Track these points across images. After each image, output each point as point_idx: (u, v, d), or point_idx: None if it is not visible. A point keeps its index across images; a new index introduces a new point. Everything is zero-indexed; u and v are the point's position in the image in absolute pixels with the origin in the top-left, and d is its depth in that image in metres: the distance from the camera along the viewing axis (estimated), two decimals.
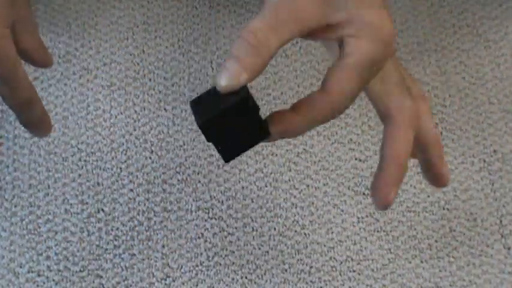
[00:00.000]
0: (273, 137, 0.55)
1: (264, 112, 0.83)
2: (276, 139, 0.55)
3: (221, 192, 0.79)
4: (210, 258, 0.76)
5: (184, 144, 0.81)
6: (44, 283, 0.74)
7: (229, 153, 0.54)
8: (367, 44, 0.54)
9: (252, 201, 0.79)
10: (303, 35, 0.54)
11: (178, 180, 0.79)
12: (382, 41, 0.54)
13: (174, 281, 0.75)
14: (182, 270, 0.75)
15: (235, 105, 0.52)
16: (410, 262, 0.76)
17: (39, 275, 0.74)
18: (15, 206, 0.77)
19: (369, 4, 0.54)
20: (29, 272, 0.74)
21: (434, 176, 0.61)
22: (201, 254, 0.76)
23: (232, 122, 0.53)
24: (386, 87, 0.58)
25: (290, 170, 0.80)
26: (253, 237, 0.77)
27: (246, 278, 0.75)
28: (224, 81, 0.52)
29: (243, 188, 0.79)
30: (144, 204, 0.78)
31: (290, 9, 0.52)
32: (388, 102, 0.58)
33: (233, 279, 0.75)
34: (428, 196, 0.79)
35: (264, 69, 0.53)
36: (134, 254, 0.76)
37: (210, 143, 0.79)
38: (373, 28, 0.54)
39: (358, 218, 0.78)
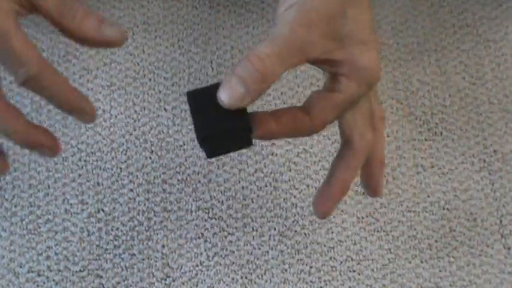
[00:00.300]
0: (255, 139, 0.60)
1: None
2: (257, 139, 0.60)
3: (221, 192, 0.79)
4: (210, 258, 0.76)
5: (184, 144, 0.81)
6: (44, 283, 0.74)
7: (213, 152, 0.59)
8: (356, 85, 0.60)
9: (252, 201, 0.79)
10: (304, 63, 0.59)
11: (178, 180, 0.79)
12: (369, 84, 0.60)
13: (174, 281, 0.75)
14: (182, 270, 0.75)
15: (236, 129, 0.56)
16: (410, 262, 0.76)
17: (39, 275, 0.74)
18: (15, 206, 0.77)
19: (367, 48, 0.59)
20: (29, 272, 0.74)
21: (370, 189, 0.67)
22: (201, 254, 0.76)
23: (226, 138, 0.57)
24: (355, 115, 0.63)
25: (290, 170, 0.80)
26: (253, 237, 0.77)
27: (246, 278, 0.75)
28: (227, 100, 0.56)
29: (243, 188, 0.79)
30: (144, 204, 0.78)
31: (302, 41, 0.57)
32: (353, 129, 0.63)
33: (233, 279, 0.75)
34: (428, 196, 0.79)
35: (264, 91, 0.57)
36: (134, 254, 0.76)
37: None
38: (365, 72, 0.60)
39: (358, 218, 0.78)
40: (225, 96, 0.56)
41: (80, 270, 0.75)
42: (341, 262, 0.76)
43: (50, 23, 0.61)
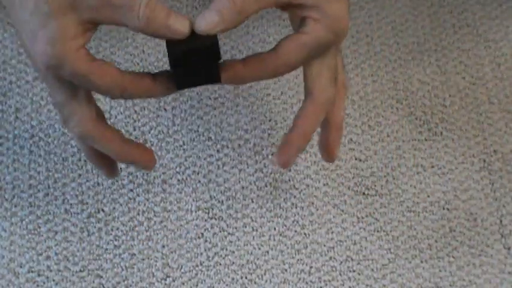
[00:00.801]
0: (224, 81, 0.65)
1: (263, 112, 0.83)
2: (226, 83, 0.65)
3: (221, 192, 0.79)
4: (210, 258, 0.76)
5: (184, 144, 0.81)
6: (44, 283, 0.74)
7: (183, 83, 0.64)
8: (322, 29, 0.63)
9: (252, 201, 0.79)
10: (277, 6, 0.64)
11: (178, 180, 0.79)
12: (335, 32, 0.64)
13: (174, 281, 0.75)
14: (182, 270, 0.75)
15: (207, 46, 0.61)
16: (410, 262, 0.76)
17: (39, 275, 0.74)
18: (15, 206, 0.77)
19: None
20: (29, 272, 0.74)
21: (326, 153, 0.72)
22: (201, 254, 0.76)
23: (197, 59, 0.61)
24: (320, 68, 0.67)
25: (290, 170, 0.80)
26: (253, 237, 0.77)
27: (246, 278, 0.75)
28: (203, 27, 0.61)
29: (243, 188, 0.79)
30: (144, 204, 0.78)
31: None
32: (315, 81, 0.67)
33: (233, 279, 0.75)
34: (428, 196, 0.79)
35: (238, 26, 0.62)
36: (134, 254, 0.75)
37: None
38: (332, 19, 0.64)
39: (358, 218, 0.78)
40: (201, 23, 0.61)
41: (80, 270, 0.75)
42: (341, 262, 0.76)
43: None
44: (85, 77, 0.63)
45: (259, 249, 0.76)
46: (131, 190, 0.78)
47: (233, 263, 0.76)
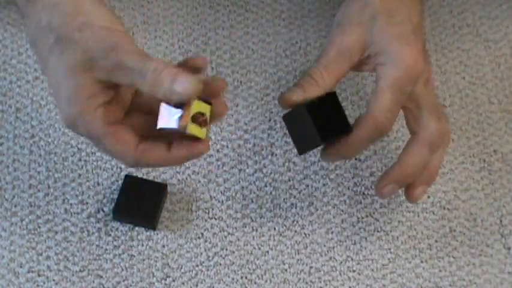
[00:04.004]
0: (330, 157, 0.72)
1: (263, 112, 0.83)
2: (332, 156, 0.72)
3: (221, 192, 0.79)
4: (210, 258, 0.76)
5: None
6: (44, 283, 0.74)
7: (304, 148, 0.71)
8: (391, 68, 0.69)
9: (252, 201, 0.79)
10: (354, 67, 0.71)
11: (178, 180, 0.79)
12: (406, 67, 0.69)
13: (174, 281, 0.75)
14: (182, 270, 0.75)
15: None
16: (410, 262, 0.76)
17: (39, 275, 0.74)
18: (15, 206, 0.77)
19: (403, 39, 0.70)
20: (29, 271, 0.74)
21: (408, 192, 0.74)
22: (201, 254, 0.76)
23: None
24: (421, 110, 0.71)
25: (290, 170, 0.80)
26: (253, 237, 0.77)
27: (246, 278, 0.75)
28: (289, 95, 0.69)
29: (243, 188, 0.79)
30: None
31: (338, 50, 0.70)
32: (418, 121, 0.72)
33: (233, 279, 0.75)
34: (429, 196, 0.79)
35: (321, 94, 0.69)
36: (134, 255, 0.76)
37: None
38: (399, 56, 0.69)
39: (358, 218, 0.78)
40: (287, 94, 0.69)
41: (80, 270, 0.75)
42: (341, 262, 0.76)
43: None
44: (99, 139, 0.63)
45: (259, 249, 0.76)
46: None
47: (233, 263, 0.76)
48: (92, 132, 0.63)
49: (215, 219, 0.78)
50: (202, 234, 0.77)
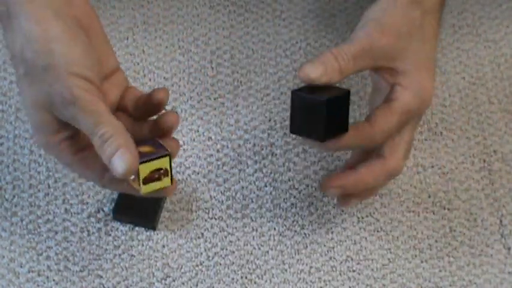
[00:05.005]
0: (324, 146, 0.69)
1: (263, 112, 0.83)
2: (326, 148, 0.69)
3: (221, 192, 0.79)
4: (210, 258, 0.76)
5: (184, 144, 0.81)
6: (44, 283, 0.74)
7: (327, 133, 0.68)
8: (410, 95, 0.69)
9: (252, 201, 0.79)
10: (372, 69, 0.70)
11: (178, 180, 0.79)
12: (422, 99, 0.69)
13: (174, 281, 0.75)
14: (182, 270, 0.75)
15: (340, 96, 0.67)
16: (410, 262, 0.76)
17: (39, 275, 0.74)
18: (16, 206, 0.77)
19: (425, 68, 0.70)
20: (29, 271, 0.74)
21: (342, 199, 0.74)
22: (201, 254, 0.76)
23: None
24: (400, 140, 0.71)
25: (290, 170, 0.80)
26: (253, 237, 0.77)
27: (246, 278, 0.75)
28: (311, 75, 0.67)
29: (243, 188, 0.79)
30: None
31: (372, 46, 0.68)
32: (394, 152, 0.71)
33: (233, 279, 0.75)
34: (429, 196, 0.79)
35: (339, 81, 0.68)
36: (134, 255, 0.76)
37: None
38: (420, 87, 0.69)
39: (358, 218, 0.78)
40: (309, 69, 0.67)
41: (80, 270, 0.75)
42: (341, 262, 0.76)
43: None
44: (69, 166, 0.68)
45: (259, 249, 0.76)
46: None
47: (233, 263, 0.76)
48: (59, 160, 0.67)
49: (215, 219, 0.78)
50: (202, 234, 0.77)
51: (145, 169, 0.63)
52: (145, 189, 0.64)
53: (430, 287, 0.75)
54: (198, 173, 0.80)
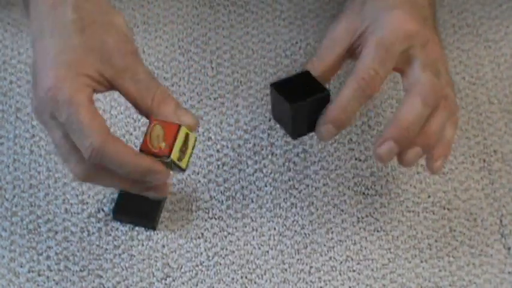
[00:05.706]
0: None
1: (263, 112, 0.83)
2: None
3: (221, 192, 0.79)
4: (210, 258, 0.76)
5: None
6: (44, 283, 0.74)
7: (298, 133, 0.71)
8: (377, 32, 0.69)
9: (252, 201, 0.79)
10: (350, 56, 0.72)
11: (178, 180, 0.79)
12: (391, 29, 0.69)
13: (174, 281, 0.75)
14: (182, 270, 0.75)
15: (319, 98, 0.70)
16: (410, 262, 0.76)
17: (39, 275, 0.74)
18: (16, 206, 0.77)
19: (393, 7, 0.70)
20: (29, 271, 0.74)
21: (428, 166, 0.73)
22: (201, 254, 0.76)
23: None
24: (413, 67, 0.70)
25: (290, 170, 0.80)
26: (253, 237, 0.77)
27: (246, 278, 0.75)
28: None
29: (243, 188, 0.79)
30: None
31: (330, 38, 0.72)
32: (410, 78, 0.71)
33: (233, 279, 0.75)
34: (429, 196, 0.79)
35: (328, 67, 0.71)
36: (134, 255, 0.76)
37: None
38: (385, 22, 0.69)
39: (358, 218, 0.78)
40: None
41: (80, 270, 0.75)
42: (341, 262, 0.76)
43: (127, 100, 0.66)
44: (74, 108, 0.64)
45: (259, 249, 0.76)
46: None
47: (233, 263, 0.76)
48: (72, 98, 0.63)
49: (215, 219, 0.78)
50: (202, 234, 0.77)
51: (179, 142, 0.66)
52: (185, 163, 0.67)
53: (430, 287, 0.75)
54: (198, 173, 0.80)
